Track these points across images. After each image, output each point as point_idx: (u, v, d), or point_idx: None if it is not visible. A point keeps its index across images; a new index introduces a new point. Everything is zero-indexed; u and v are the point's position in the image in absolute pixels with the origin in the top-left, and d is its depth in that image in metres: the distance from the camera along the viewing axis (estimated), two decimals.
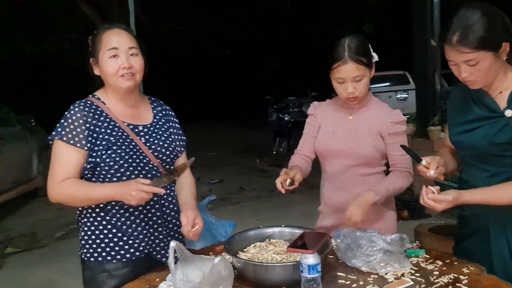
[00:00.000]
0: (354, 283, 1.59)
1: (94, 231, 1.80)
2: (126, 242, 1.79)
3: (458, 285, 1.53)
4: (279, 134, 9.88)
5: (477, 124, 1.71)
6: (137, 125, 1.85)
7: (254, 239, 1.89)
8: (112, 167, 1.74)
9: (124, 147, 1.76)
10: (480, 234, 1.78)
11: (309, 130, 2.22)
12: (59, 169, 1.74)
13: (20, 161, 6.58)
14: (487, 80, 1.63)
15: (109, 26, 1.84)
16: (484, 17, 1.53)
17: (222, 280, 1.46)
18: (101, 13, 9.59)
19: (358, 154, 2.05)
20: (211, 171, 8.84)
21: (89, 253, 1.80)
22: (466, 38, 1.52)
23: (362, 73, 1.94)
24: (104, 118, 1.78)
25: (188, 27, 13.33)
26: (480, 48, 1.52)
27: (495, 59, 1.56)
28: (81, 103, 1.79)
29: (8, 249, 5.09)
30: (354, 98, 2.00)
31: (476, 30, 1.51)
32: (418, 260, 1.75)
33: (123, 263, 1.79)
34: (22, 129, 7.01)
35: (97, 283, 1.79)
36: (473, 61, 1.55)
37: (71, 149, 1.73)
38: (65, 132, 1.73)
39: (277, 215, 5.69)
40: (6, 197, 6.17)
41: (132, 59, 1.78)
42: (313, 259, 1.44)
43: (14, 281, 4.26)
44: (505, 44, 1.54)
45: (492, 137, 1.66)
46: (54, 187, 1.75)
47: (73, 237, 5.37)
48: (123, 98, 1.83)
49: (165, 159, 1.86)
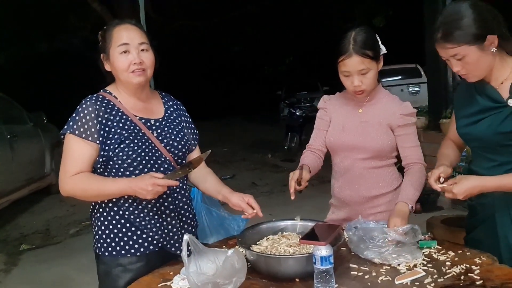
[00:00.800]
0: (366, 274, 1.60)
1: (108, 226, 1.81)
2: (140, 236, 1.80)
3: (470, 275, 1.53)
4: (290, 129, 9.87)
5: (482, 115, 1.72)
6: (149, 119, 1.85)
7: (266, 232, 1.91)
8: (125, 161, 1.75)
9: (137, 141, 1.77)
10: (487, 223, 1.78)
11: (320, 124, 2.21)
12: (71, 163, 1.76)
13: (33, 159, 6.65)
14: (480, 73, 1.66)
15: (119, 21, 1.84)
16: (465, 13, 1.58)
17: (236, 272, 1.47)
18: (112, 9, 9.63)
19: (368, 147, 2.05)
20: (223, 167, 8.87)
21: (103, 247, 1.82)
22: (448, 34, 1.59)
23: (368, 66, 1.93)
24: (116, 112, 1.79)
25: (199, 23, 13.33)
26: (462, 43, 1.57)
27: (481, 52, 1.59)
28: (93, 98, 1.80)
29: (22, 246, 5.17)
30: (361, 91, 1.99)
31: (456, 26, 1.57)
32: (430, 251, 1.75)
33: (138, 257, 1.80)
34: (35, 126, 7.08)
35: (112, 278, 1.81)
36: (458, 55, 1.60)
37: (83, 143, 1.74)
38: (77, 126, 1.74)
39: (290, 209, 5.63)
40: (20, 195, 6.25)
41: (143, 55, 1.79)
42: (325, 251, 1.45)
43: (30, 277, 4.32)
44: (491, 37, 1.57)
45: (497, 126, 1.67)
46: (66, 181, 1.76)
47: (86, 233, 5.44)
48: (134, 93, 1.84)
49: (177, 153, 1.87)
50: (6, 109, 6.55)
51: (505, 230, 1.73)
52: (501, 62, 1.66)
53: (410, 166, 2.04)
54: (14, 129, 6.31)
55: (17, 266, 4.64)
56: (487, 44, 1.58)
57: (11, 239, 5.49)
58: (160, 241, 1.82)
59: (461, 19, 1.57)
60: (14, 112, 6.85)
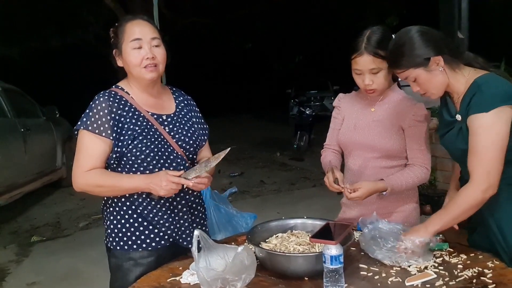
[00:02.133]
0: (376, 275, 1.59)
1: (120, 220, 1.82)
2: (152, 231, 1.81)
3: (482, 279, 1.51)
4: (300, 127, 9.84)
5: (445, 129, 1.80)
6: (161, 114, 1.86)
7: (276, 230, 1.90)
8: (138, 157, 1.76)
9: (150, 137, 1.77)
10: (480, 227, 1.80)
11: (334, 123, 2.22)
12: (85, 158, 1.76)
13: (45, 152, 6.70)
14: (436, 91, 1.72)
15: (132, 17, 1.85)
16: (408, 39, 1.68)
17: (245, 269, 1.47)
18: (124, 6, 9.67)
19: (379, 147, 2.04)
20: (232, 164, 8.87)
21: (115, 241, 1.83)
22: (395, 61, 1.72)
23: (379, 66, 1.91)
24: (128, 108, 1.80)
25: (210, 20, 13.34)
26: (408, 67, 1.67)
27: (429, 73, 1.67)
28: (106, 93, 1.81)
29: (33, 238, 5.22)
30: (372, 90, 1.98)
31: (401, 52, 1.68)
32: (442, 254, 1.73)
33: (149, 252, 1.81)
34: (47, 120, 7.13)
35: (123, 271, 1.82)
36: (410, 78, 1.70)
37: (96, 139, 1.75)
38: (90, 122, 1.75)
39: (298, 208, 5.68)
40: (32, 187, 6.30)
41: (155, 50, 1.79)
42: (336, 250, 1.44)
43: (40, 268, 4.37)
44: (435, 58, 1.65)
45: (455, 142, 1.73)
46: (80, 176, 1.77)
47: (96, 227, 5.49)
48: (146, 88, 1.85)
49: (188, 148, 1.87)
50: (19, 102, 6.60)
51: (494, 235, 1.74)
52: (456, 77, 1.70)
53: (413, 166, 2.03)
54: (27, 123, 6.36)
55: (28, 257, 4.69)
56: (432, 64, 1.66)
57: (22, 230, 5.55)
58: (172, 235, 1.83)
59: (406, 45, 1.67)
60: (27, 106, 6.91)
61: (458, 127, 1.71)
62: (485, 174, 1.60)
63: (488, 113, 1.58)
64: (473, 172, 1.63)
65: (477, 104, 1.61)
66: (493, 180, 1.60)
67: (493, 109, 1.57)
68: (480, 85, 1.63)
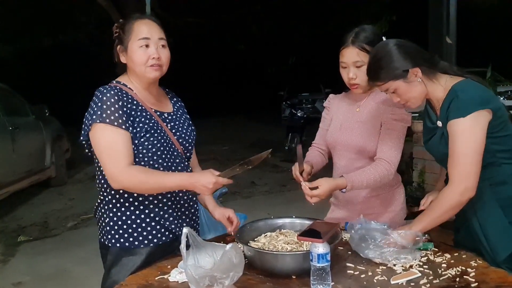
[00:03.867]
0: (363, 274, 1.61)
1: (121, 217, 1.80)
2: (154, 227, 1.81)
3: (465, 278, 1.54)
4: (291, 129, 9.88)
5: (429, 135, 1.85)
6: (163, 112, 1.88)
7: (265, 229, 1.92)
8: (148, 152, 1.76)
9: (156, 134, 1.79)
10: (465, 227, 1.85)
11: (323, 123, 2.26)
12: (118, 154, 1.69)
13: (33, 151, 6.65)
14: (415, 100, 1.77)
15: (140, 16, 1.86)
16: (387, 52, 1.74)
17: (233, 267, 1.48)
18: (117, 5, 9.64)
19: (362, 147, 2.06)
20: (223, 165, 8.85)
21: (114, 238, 1.81)
22: (374, 74, 1.76)
23: (363, 59, 1.94)
24: (136, 104, 1.79)
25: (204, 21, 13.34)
26: (387, 80, 1.73)
27: (408, 84, 1.73)
28: (112, 87, 1.77)
29: (20, 238, 5.18)
30: (356, 86, 2.01)
31: (380, 65, 1.74)
32: (427, 253, 1.76)
33: (151, 248, 1.81)
34: (36, 119, 7.09)
35: (121, 266, 1.81)
36: (390, 90, 1.75)
37: (119, 131, 1.69)
38: (106, 115, 1.68)
39: (288, 210, 5.65)
40: (19, 186, 6.25)
41: (161, 51, 1.81)
42: (323, 248, 1.46)
43: (27, 268, 4.33)
44: (413, 70, 1.71)
45: (438, 147, 1.78)
46: (122, 172, 1.68)
47: (84, 227, 5.46)
48: (147, 86, 1.86)
49: (187, 146, 1.91)
50: (8, 101, 6.55)
51: (477, 234, 1.78)
52: (434, 86, 1.76)
53: (379, 164, 1.99)
54: (16, 121, 6.32)
55: (14, 257, 4.65)
56: (411, 76, 1.72)
57: (9, 230, 5.49)
58: (176, 230, 1.85)
59: (384, 58, 1.73)
60: (17, 104, 6.86)
61: (440, 133, 1.77)
62: (462, 177, 1.65)
63: (466, 118, 1.63)
64: (451, 175, 1.68)
65: (455, 110, 1.66)
66: (470, 183, 1.65)
67: (470, 113, 1.63)
68: (456, 91, 1.69)
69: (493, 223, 1.74)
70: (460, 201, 1.67)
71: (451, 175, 1.69)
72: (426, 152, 2.18)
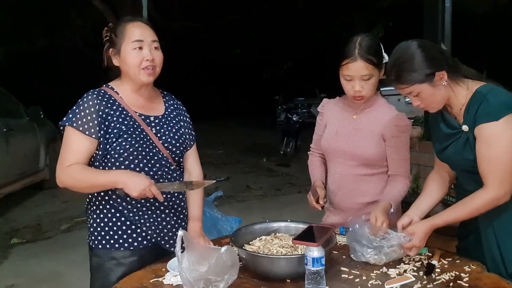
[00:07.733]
0: (357, 278, 1.61)
1: (103, 219, 1.82)
2: (134, 231, 1.82)
3: (459, 283, 1.55)
4: (287, 134, 9.92)
5: (446, 142, 1.78)
6: (148, 115, 1.87)
7: (259, 232, 1.92)
8: (121, 155, 1.77)
9: (135, 136, 1.78)
10: (474, 235, 1.81)
11: (317, 128, 2.25)
12: (68, 154, 1.77)
13: (27, 153, 6.60)
14: (437, 105, 1.73)
15: (132, 18, 1.87)
16: (412, 54, 1.65)
17: (228, 269, 1.49)
18: (113, 8, 9.64)
19: (358, 155, 2.06)
20: (218, 169, 8.88)
21: (97, 240, 1.83)
22: (399, 76, 1.68)
23: (371, 72, 1.94)
24: (116, 107, 1.81)
25: (199, 25, 13.36)
26: (413, 83, 1.66)
27: (433, 88, 1.67)
28: (95, 92, 1.82)
29: (13, 240, 5.14)
30: (360, 97, 2.00)
31: (405, 68, 1.65)
32: (421, 258, 1.77)
33: (131, 252, 1.81)
34: (31, 121, 7.03)
35: (104, 271, 1.82)
36: (413, 93, 1.69)
37: (82, 137, 1.76)
38: (76, 119, 1.76)
39: (283, 214, 5.70)
40: (13, 188, 6.20)
41: (155, 53, 1.82)
42: (317, 252, 1.46)
43: (20, 271, 4.30)
44: (439, 73, 1.65)
45: (462, 153, 1.72)
46: (62, 171, 1.77)
47: (77, 230, 5.42)
48: (138, 89, 1.86)
49: (174, 150, 1.89)
50: (2, 102, 6.51)
51: (489, 243, 1.75)
52: (457, 90, 1.71)
53: (397, 177, 2.05)
54: (10, 123, 6.27)
55: (7, 259, 4.62)
56: (437, 80, 1.66)
57: (2, 232, 5.45)
58: (154, 236, 1.84)
59: (409, 60, 1.65)
60: (11, 106, 6.82)
61: (465, 138, 1.70)
62: (500, 182, 1.62)
63: (498, 122, 1.60)
64: (488, 180, 1.64)
65: (486, 113, 1.62)
66: (508, 187, 1.63)
67: (502, 117, 1.60)
68: (485, 95, 1.64)
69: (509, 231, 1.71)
70: (495, 205, 1.65)
71: (488, 180, 1.64)
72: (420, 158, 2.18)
